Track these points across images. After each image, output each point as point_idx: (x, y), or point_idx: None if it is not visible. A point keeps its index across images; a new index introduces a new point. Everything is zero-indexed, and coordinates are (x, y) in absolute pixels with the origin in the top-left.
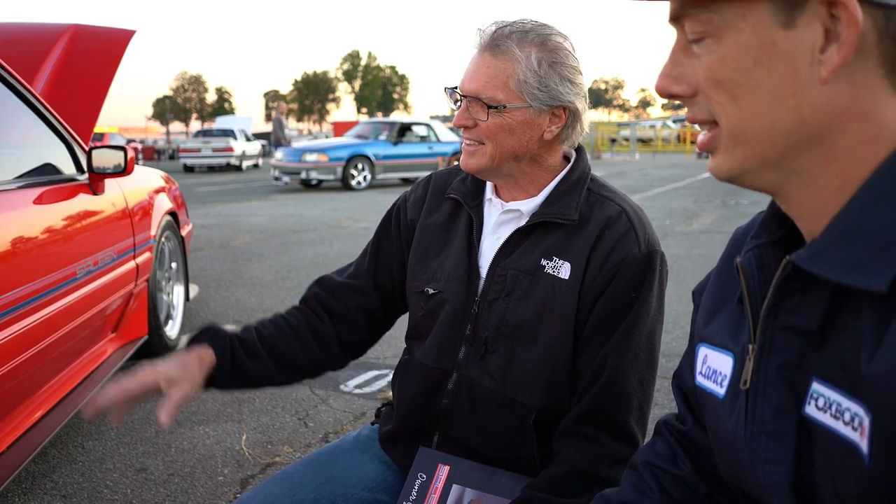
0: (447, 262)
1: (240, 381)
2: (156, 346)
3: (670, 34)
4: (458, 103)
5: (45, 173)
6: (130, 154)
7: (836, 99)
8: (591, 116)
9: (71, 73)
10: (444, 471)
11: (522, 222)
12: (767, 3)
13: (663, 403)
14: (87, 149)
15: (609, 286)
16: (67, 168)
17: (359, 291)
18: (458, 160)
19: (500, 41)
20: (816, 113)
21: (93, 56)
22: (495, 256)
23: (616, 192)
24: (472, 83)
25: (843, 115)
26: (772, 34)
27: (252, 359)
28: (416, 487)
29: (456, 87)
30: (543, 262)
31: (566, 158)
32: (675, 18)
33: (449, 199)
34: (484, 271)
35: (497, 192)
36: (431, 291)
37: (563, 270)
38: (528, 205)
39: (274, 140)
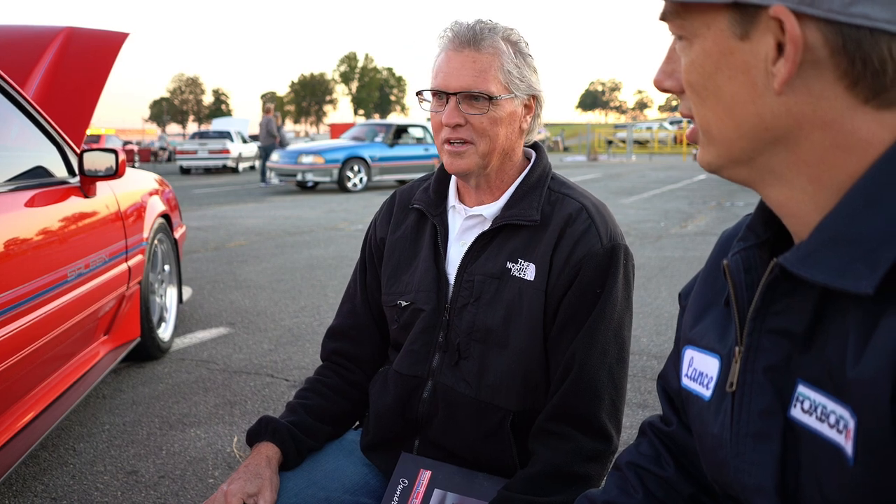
0: (416, 274)
1: (306, 458)
2: (148, 348)
3: (667, 35)
4: (442, 103)
5: (37, 176)
6: (122, 157)
7: (796, 108)
8: (588, 118)
9: (64, 75)
10: (425, 475)
11: (486, 227)
12: (726, 15)
13: (654, 406)
14: (78, 151)
15: (573, 283)
16: (59, 171)
17: (364, 329)
18: None
19: (479, 38)
20: (777, 120)
21: (86, 59)
22: (461, 262)
23: (576, 188)
24: (462, 79)
25: (805, 123)
26: (730, 44)
27: (313, 437)
28: (398, 493)
29: (433, 89)
30: (509, 264)
31: (526, 158)
32: (663, 18)
33: (413, 211)
34: (452, 278)
35: (460, 198)
36: (404, 304)
37: (529, 272)
38: (491, 209)
39: (263, 142)
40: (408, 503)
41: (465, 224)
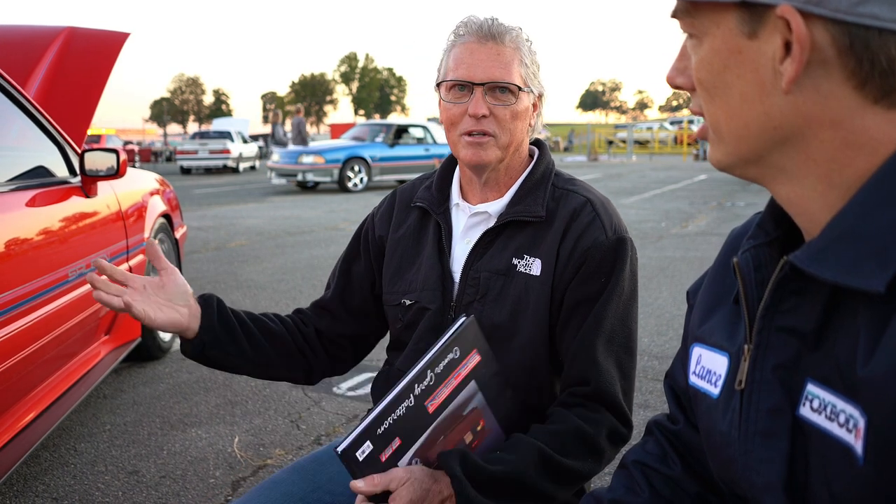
0: (420, 272)
1: (227, 343)
2: (149, 348)
3: (671, 34)
4: (464, 95)
5: (38, 176)
6: (123, 157)
7: (804, 107)
8: (589, 118)
9: (65, 75)
10: (474, 360)
11: (491, 224)
12: (735, 13)
13: (656, 406)
14: (79, 151)
15: (578, 273)
16: (60, 171)
17: (335, 318)
18: None
19: (501, 30)
20: (785, 119)
21: (87, 59)
22: (467, 260)
23: (581, 184)
24: (489, 70)
25: (814, 122)
26: (738, 43)
27: (240, 322)
28: (446, 361)
29: (458, 80)
30: (515, 260)
31: (529, 155)
32: (674, 16)
33: (415, 209)
34: (457, 276)
35: (463, 196)
36: (408, 303)
37: (535, 267)
38: (496, 206)
39: (294, 142)
40: (446, 379)
41: (469, 221)
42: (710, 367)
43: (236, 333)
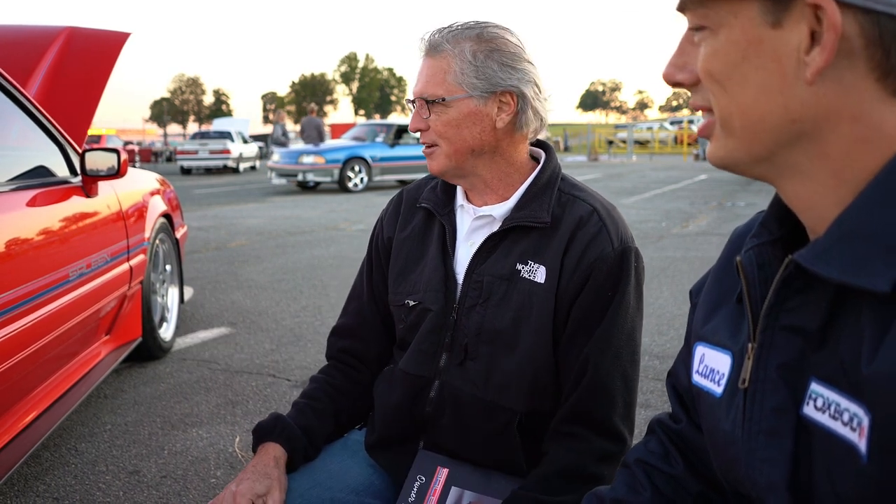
0: (424, 273)
1: (320, 446)
2: (150, 348)
3: (672, 32)
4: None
5: (38, 176)
6: (123, 156)
7: (825, 100)
8: (589, 118)
9: (65, 75)
10: (443, 473)
11: (495, 227)
12: (757, 3)
13: (657, 405)
14: (80, 151)
15: (585, 287)
16: (61, 170)
17: (371, 327)
18: None
19: (437, 43)
20: (805, 111)
21: (87, 59)
22: (470, 263)
23: (587, 190)
24: (416, 86)
25: (833, 115)
26: (759, 33)
27: (321, 439)
28: (415, 489)
29: (408, 99)
30: (519, 266)
31: (535, 159)
32: (681, 9)
33: (421, 209)
34: (460, 278)
35: (468, 198)
36: (411, 303)
37: (539, 274)
38: (500, 209)
39: (309, 142)
40: (424, 500)
41: (473, 224)
42: (713, 366)
43: (319, 451)
